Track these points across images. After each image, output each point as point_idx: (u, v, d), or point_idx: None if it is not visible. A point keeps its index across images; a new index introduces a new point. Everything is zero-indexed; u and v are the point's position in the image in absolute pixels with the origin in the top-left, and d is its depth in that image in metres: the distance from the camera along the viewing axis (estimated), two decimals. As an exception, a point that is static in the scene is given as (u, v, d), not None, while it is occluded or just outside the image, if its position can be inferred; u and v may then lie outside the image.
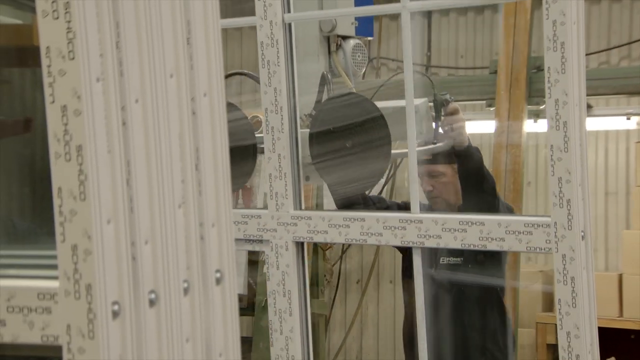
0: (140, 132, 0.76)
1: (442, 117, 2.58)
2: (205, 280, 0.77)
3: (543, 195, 5.55)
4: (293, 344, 2.14)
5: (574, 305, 1.82)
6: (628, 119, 5.14)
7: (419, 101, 2.45)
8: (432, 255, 3.09)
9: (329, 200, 3.50)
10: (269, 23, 2.12)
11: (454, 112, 2.61)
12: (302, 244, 2.16)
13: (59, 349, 0.72)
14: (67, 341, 0.72)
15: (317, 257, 4.59)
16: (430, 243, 2.01)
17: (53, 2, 0.72)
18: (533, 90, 4.38)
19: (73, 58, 0.72)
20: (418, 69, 6.06)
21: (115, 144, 0.74)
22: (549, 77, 1.79)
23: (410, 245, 2.03)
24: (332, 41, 2.55)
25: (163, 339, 0.73)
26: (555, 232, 1.84)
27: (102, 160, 0.73)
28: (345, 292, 5.93)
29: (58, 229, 0.70)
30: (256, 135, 2.38)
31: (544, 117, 5.21)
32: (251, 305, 4.42)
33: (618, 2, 5.51)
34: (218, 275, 0.78)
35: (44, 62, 0.74)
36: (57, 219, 0.70)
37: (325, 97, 2.46)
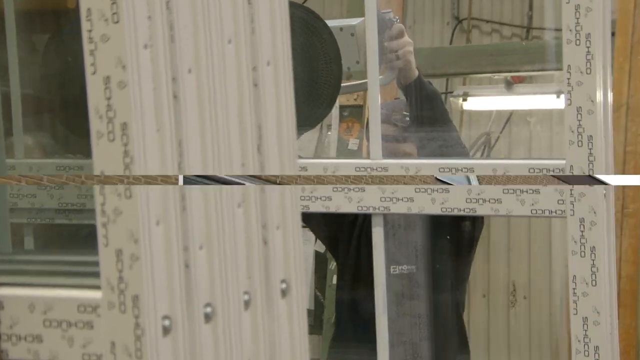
0: (193, 107, 0.68)
1: (385, 43, 2.05)
2: (269, 292, 0.69)
3: None
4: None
5: (593, 283, 1.47)
6: None
7: (355, 21, 1.98)
8: None
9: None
10: None
11: (400, 35, 2.07)
12: None
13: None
14: None
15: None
16: (399, 208, 1.58)
17: (93, -45, 0.65)
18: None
19: (117, 21, 0.65)
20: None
21: (166, 121, 0.66)
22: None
23: (371, 212, 1.61)
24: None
25: (221, 359, 0.65)
26: (571, 190, 1.46)
27: (150, 141, 0.65)
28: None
29: (100, 231, 0.63)
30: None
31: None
32: (319, 322, 4.09)
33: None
34: (284, 286, 0.69)
35: (84, 26, 0.67)
36: (99, 219, 0.62)
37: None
